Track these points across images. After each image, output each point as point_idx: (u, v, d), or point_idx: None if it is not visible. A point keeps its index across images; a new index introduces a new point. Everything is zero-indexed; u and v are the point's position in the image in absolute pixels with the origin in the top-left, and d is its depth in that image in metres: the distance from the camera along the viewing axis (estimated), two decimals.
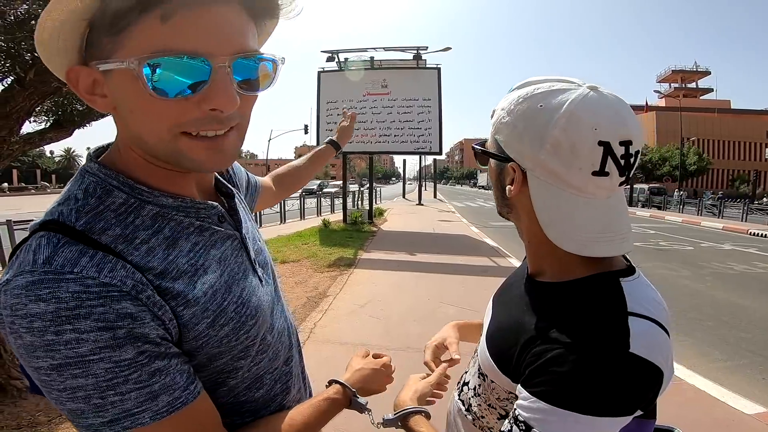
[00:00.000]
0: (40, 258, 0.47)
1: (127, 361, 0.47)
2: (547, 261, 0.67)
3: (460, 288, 5.64)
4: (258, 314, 0.64)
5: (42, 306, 0.44)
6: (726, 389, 3.15)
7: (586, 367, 0.53)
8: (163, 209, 0.56)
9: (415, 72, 11.45)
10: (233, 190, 0.72)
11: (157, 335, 0.50)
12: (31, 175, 56.35)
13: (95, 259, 0.48)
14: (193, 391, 0.53)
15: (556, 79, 0.62)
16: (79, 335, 0.45)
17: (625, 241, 0.60)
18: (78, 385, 0.46)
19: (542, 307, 0.65)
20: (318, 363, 2.92)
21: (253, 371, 0.64)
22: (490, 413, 0.71)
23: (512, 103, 0.63)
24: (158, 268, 0.53)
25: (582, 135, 0.56)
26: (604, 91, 0.60)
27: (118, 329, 0.47)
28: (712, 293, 6.21)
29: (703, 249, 10.58)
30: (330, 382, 0.78)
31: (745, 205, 19.15)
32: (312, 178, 1.30)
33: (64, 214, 0.51)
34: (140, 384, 0.48)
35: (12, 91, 2.35)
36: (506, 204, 0.69)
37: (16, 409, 2.48)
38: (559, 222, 0.60)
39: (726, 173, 48.88)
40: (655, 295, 0.62)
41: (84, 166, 0.57)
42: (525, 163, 0.62)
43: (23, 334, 0.45)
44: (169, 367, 0.51)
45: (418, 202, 25.10)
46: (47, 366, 0.45)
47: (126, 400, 0.47)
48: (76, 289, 0.45)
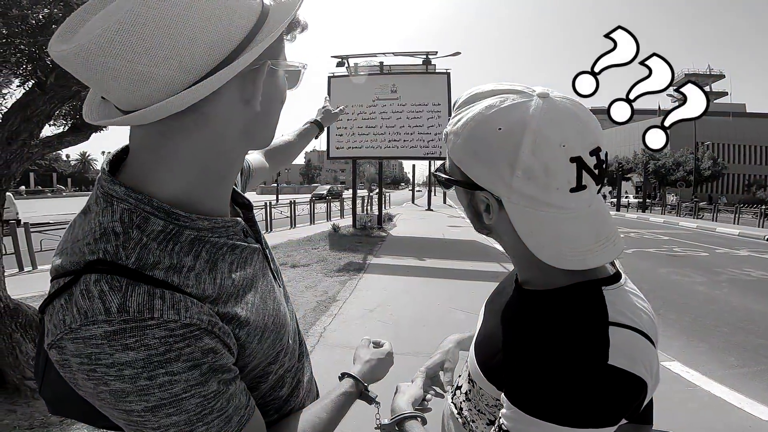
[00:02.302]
0: (113, 306, 0.44)
1: (212, 393, 0.49)
2: (532, 271, 0.66)
3: (469, 293, 5.62)
4: (285, 322, 0.66)
5: (131, 354, 0.44)
6: (743, 395, 3.10)
7: (565, 379, 0.52)
8: (200, 233, 0.55)
9: (425, 77, 11.46)
10: (250, 201, 0.72)
11: (230, 363, 0.53)
12: (47, 178, 57.51)
13: (167, 300, 0.47)
14: (252, 406, 0.55)
15: (503, 90, 0.60)
16: (172, 377, 0.46)
17: (617, 243, 0.59)
18: (172, 422, 0.47)
19: (526, 317, 0.65)
20: (327, 367, 2.92)
21: (279, 373, 0.66)
22: (479, 418, 0.72)
23: (466, 127, 0.59)
24: (213, 295, 0.53)
25: (552, 155, 0.54)
26: (557, 97, 0.57)
27: (203, 365, 0.48)
28: (729, 299, 6.07)
29: (718, 255, 10.38)
30: (342, 374, 0.82)
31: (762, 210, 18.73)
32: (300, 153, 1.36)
33: (110, 252, 0.47)
34: (221, 411, 0.50)
35: (33, 95, 2.41)
36: (484, 227, 0.66)
37: (29, 410, 2.52)
38: (549, 244, 0.58)
39: (742, 178, 47.99)
40: (639, 302, 0.60)
41: (107, 190, 0.52)
42: (498, 192, 0.58)
43: (111, 381, 0.45)
44: (237, 390, 0.53)
45: (428, 207, 25.05)
46: (141, 409, 0.46)
47: (210, 428, 0.49)
48: (162, 335, 0.46)
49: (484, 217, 0.63)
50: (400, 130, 11.41)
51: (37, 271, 6.92)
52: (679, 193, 31.95)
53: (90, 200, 0.53)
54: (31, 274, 6.76)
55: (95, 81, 0.47)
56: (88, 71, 0.45)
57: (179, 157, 0.53)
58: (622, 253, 0.59)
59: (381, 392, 0.84)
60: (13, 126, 2.42)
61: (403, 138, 11.44)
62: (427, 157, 12.23)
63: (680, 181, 35.68)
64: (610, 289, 0.59)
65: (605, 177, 0.58)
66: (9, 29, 1.94)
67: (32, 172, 50.70)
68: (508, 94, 0.58)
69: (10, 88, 2.65)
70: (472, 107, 0.60)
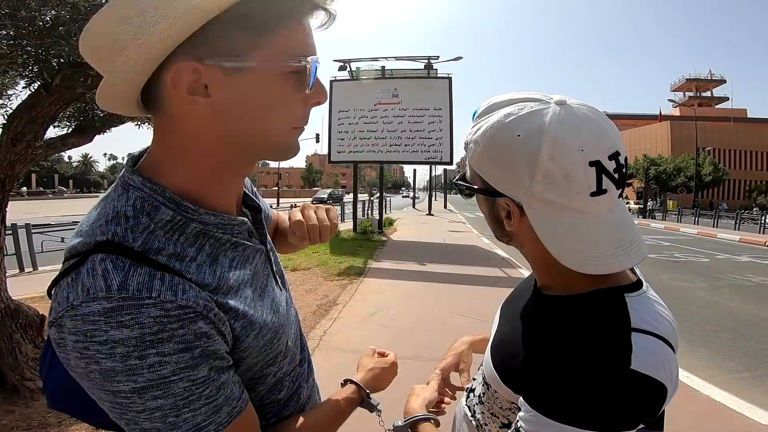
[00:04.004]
0: (114, 283, 0.46)
1: (202, 379, 0.49)
2: (553, 277, 0.67)
3: (470, 298, 5.60)
4: (284, 323, 0.67)
5: (125, 332, 0.45)
6: (743, 400, 3.09)
7: (587, 382, 0.53)
8: (205, 227, 0.56)
9: (427, 81, 11.51)
10: (260, 204, 0.74)
11: (224, 350, 0.53)
12: (49, 179, 57.57)
13: (166, 282, 0.48)
14: (245, 400, 0.55)
15: (521, 99, 0.60)
16: (162, 358, 0.46)
17: (641, 248, 0.59)
18: (157, 405, 0.47)
19: (546, 321, 0.65)
20: (328, 370, 2.92)
21: (278, 376, 0.66)
22: (493, 421, 0.72)
23: (485, 135, 0.60)
24: (212, 284, 0.54)
25: (571, 159, 0.55)
26: (574, 104, 0.58)
27: (195, 349, 0.49)
28: (729, 305, 6.08)
29: (719, 261, 10.37)
30: (345, 381, 0.82)
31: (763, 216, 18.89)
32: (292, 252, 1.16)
33: (118, 234, 0.50)
34: (210, 399, 0.50)
35: (38, 97, 2.42)
36: (505, 234, 0.67)
37: (28, 410, 2.52)
38: (573, 248, 0.58)
39: (743, 184, 47.94)
40: (661, 310, 0.61)
41: (126, 179, 0.55)
42: (519, 197, 0.59)
43: (102, 359, 0.45)
44: (229, 380, 0.53)
45: (429, 212, 25.04)
46: (128, 389, 0.46)
47: (197, 415, 0.49)
48: (158, 314, 0.46)
49: (506, 224, 0.63)
50: (401, 135, 11.44)
51: (38, 272, 6.91)
52: (680, 200, 31.87)
53: (111, 188, 0.57)
54: (32, 275, 6.76)
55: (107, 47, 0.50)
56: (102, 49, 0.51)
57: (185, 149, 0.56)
58: (646, 257, 0.59)
59: (384, 401, 0.83)
60: (18, 127, 2.44)
61: (405, 142, 11.47)
62: (428, 162, 12.26)
63: (681, 186, 35.64)
64: (632, 296, 0.60)
65: (625, 181, 0.58)
66: (16, 31, 1.95)
67: (34, 173, 50.82)
68: (526, 102, 0.59)
69: (16, 89, 2.67)
70: (491, 116, 0.61)
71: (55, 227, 8.28)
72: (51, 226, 8.42)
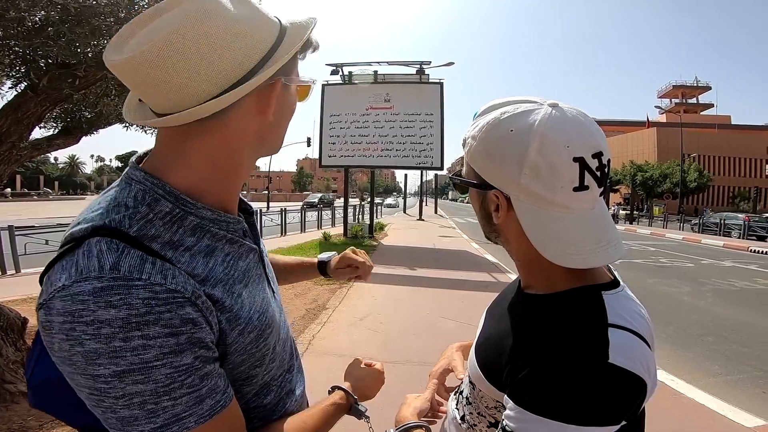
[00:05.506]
0: (106, 264, 0.47)
1: (185, 366, 0.49)
2: (536, 276, 0.69)
3: (459, 303, 5.63)
4: (273, 324, 0.67)
5: (112, 312, 0.45)
6: (726, 403, 3.14)
7: (567, 376, 0.54)
8: (202, 221, 0.58)
9: (418, 87, 11.59)
10: (252, 208, 0.76)
11: (210, 340, 0.53)
12: (34, 180, 56.52)
13: (157, 266, 0.50)
14: (230, 395, 0.55)
15: (518, 101, 0.64)
16: (147, 341, 0.46)
17: (618, 248, 0.62)
18: (137, 391, 0.47)
19: (528, 319, 0.67)
20: (316, 374, 2.90)
21: (265, 379, 0.67)
22: (480, 421, 0.73)
23: (482, 131, 0.64)
24: (201, 275, 0.55)
25: (557, 154, 0.58)
26: (565, 107, 0.62)
27: (180, 335, 0.49)
28: (713, 309, 6.17)
29: (703, 266, 10.55)
30: (333, 388, 0.82)
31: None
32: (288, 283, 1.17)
33: (115, 220, 0.52)
34: (192, 388, 0.50)
35: (25, 97, 2.39)
36: (493, 229, 0.70)
37: (8, 413, 2.46)
38: (554, 241, 0.61)
39: (727, 190, 48.85)
40: (637, 308, 0.63)
41: (129, 173, 0.58)
42: (507, 190, 0.63)
43: (86, 341, 0.45)
44: (214, 371, 0.53)
45: (419, 217, 25.11)
46: (109, 373, 0.46)
47: (177, 404, 0.49)
48: (146, 296, 0.47)
49: (494, 217, 0.67)
50: (392, 140, 11.49)
51: (20, 274, 6.78)
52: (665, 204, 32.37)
53: (114, 183, 0.60)
54: (15, 277, 6.63)
55: (139, 87, 0.54)
56: (135, 79, 0.53)
57: (196, 155, 0.58)
58: (623, 256, 0.62)
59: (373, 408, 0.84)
60: (3, 128, 2.40)
61: (396, 147, 11.51)
62: (419, 167, 12.29)
63: (667, 193, 36.22)
64: (609, 293, 0.62)
65: (607, 180, 0.62)
66: (5, 31, 1.93)
67: (19, 174, 49.85)
68: (522, 103, 0.63)
69: (2, 89, 2.63)
70: (489, 114, 0.65)
71: (39, 229, 8.12)
72: (35, 228, 8.27)
